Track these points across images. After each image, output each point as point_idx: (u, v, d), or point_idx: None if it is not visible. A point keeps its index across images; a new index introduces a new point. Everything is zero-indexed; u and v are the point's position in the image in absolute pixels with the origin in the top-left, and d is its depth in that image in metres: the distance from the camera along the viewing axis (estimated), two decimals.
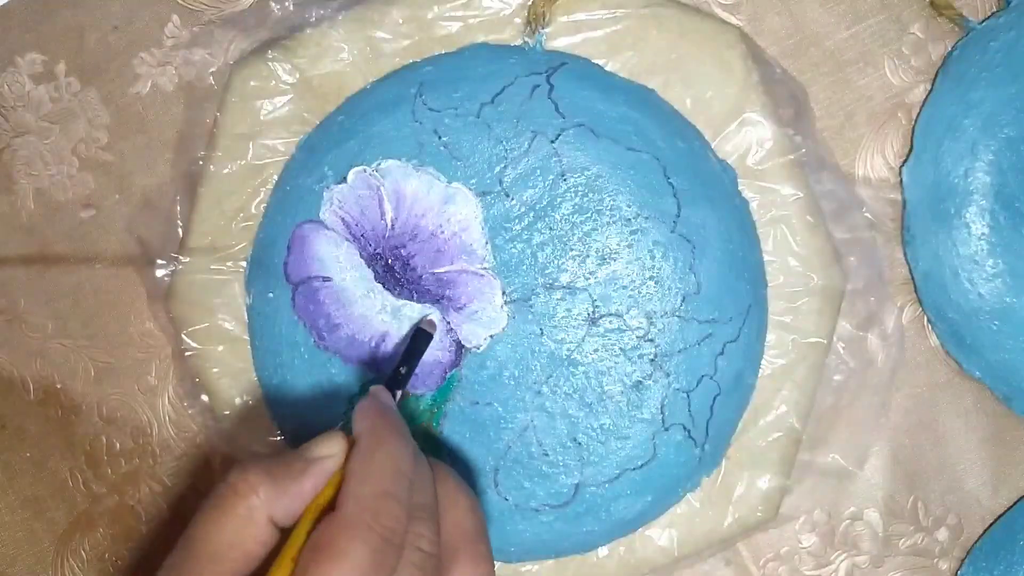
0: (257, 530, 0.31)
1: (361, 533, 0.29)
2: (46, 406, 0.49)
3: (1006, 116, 0.43)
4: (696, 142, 0.42)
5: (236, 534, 0.31)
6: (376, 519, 0.30)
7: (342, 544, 0.29)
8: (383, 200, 0.42)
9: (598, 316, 0.41)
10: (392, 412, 0.34)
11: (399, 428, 0.33)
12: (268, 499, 0.31)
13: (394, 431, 0.33)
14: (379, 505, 0.30)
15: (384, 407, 0.34)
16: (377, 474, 0.31)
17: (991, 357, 0.44)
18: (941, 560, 0.46)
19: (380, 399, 0.35)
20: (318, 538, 0.30)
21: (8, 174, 0.48)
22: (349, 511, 0.30)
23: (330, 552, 0.29)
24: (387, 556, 0.30)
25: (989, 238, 0.43)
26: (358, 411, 0.34)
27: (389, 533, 0.30)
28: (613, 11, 0.42)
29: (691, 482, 0.43)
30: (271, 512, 0.31)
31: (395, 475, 0.31)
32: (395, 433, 0.33)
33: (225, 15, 0.46)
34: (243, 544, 0.31)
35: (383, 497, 0.30)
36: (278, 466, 0.32)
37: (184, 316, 0.44)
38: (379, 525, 0.30)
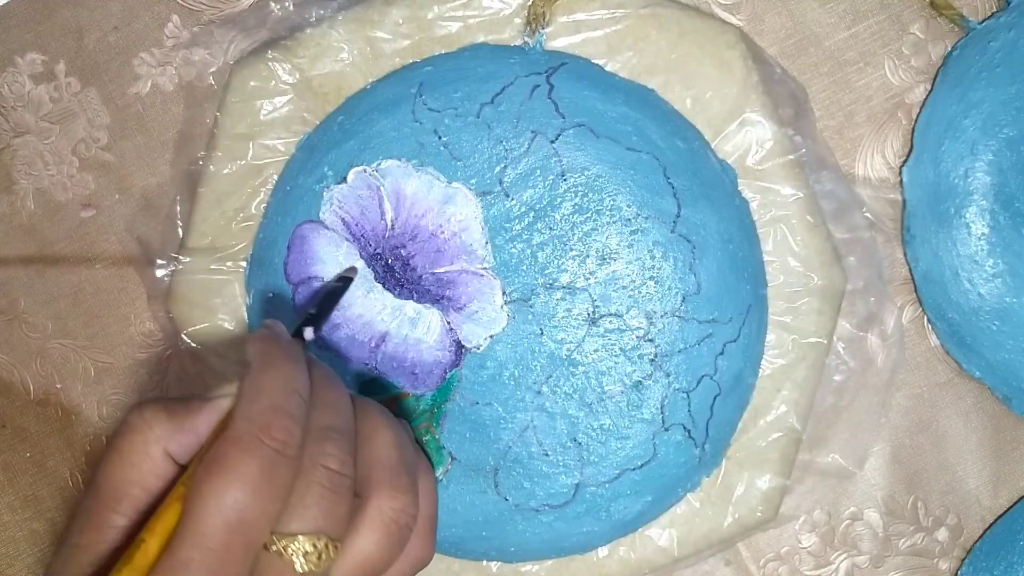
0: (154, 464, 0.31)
1: (249, 445, 0.29)
2: (46, 406, 0.49)
3: (1006, 116, 0.43)
4: (696, 142, 0.42)
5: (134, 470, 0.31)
6: (265, 432, 0.30)
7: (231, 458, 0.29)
8: (383, 200, 0.42)
9: (598, 316, 0.41)
10: (285, 339, 0.34)
11: (291, 353, 0.33)
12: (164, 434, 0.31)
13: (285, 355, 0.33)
14: (268, 419, 0.30)
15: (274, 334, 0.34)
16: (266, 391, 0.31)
17: (991, 357, 0.44)
18: (941, 560, 0.46)
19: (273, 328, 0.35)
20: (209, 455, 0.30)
21: (8, 174, 0.48)
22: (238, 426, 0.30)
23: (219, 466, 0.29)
24: (279, 468, 0.30)
25: (989, 238, 0.43)
26: (249, 339, 0.34)
27: (280, 445, 0.30)
28: (613, 11, 0.42)
29: (691, 482, 0.43)
30: (167, 446, 0.31)
31: (285, 392, 0.31)
32: (286, 356, 0.33)
33: (225, 15, 0.46)
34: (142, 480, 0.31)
35: (272, 411, 0.30)
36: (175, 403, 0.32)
37: (184, 316, 0.44)
38: (269, 438, 0.30)
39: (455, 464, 0.42)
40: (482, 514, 0.43)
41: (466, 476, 0.42)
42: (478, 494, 0.42)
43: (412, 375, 0.42)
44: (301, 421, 0.31)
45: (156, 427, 0.31)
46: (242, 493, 0.29)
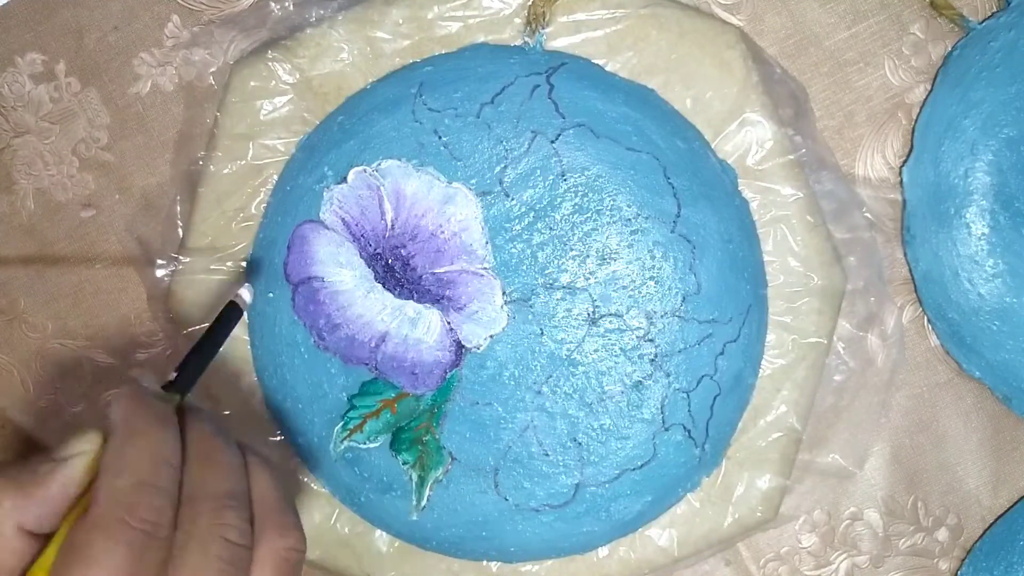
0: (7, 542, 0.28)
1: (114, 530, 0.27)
2: (46, 406, 0.48)
3: (1006, 116, 0.42)
4: (696, 142, 0.42)
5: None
6: (132, 513, 0.28)
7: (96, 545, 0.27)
8: (383, 200, 0.42)
9: (598, 316, 0.41)
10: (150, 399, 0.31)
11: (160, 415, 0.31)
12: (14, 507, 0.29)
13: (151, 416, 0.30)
14: (134, 497, 0.28)
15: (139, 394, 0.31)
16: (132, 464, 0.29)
17: (991, 357, 0.44)
18: (941, 560, 0.46)
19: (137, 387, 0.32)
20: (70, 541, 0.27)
21: (8, 174, 0.48)
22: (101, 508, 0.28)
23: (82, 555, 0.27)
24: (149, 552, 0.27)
25: (989, 238, 0.43)
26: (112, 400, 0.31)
27: (150, 527, 0.28)
28: (613, 11, 0.42)
29: (691, 482, 0.43)
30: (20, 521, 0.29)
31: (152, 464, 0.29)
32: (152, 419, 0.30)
33: (225, 15, 0.46)
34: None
35: (139, 488, 0.28)
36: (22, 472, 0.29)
37: (184, 316, 0.44)
38: (136, 519, 0.27)
39: (455, 464, 0.42)
40: (482, 514, 0.43)
41: (466, 476, 0.42)
42: (478, 494, 0.42)
43: (412, 375, 0.42)
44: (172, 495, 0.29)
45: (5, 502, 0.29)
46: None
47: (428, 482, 0.43)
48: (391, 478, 0.43)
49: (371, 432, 0.43)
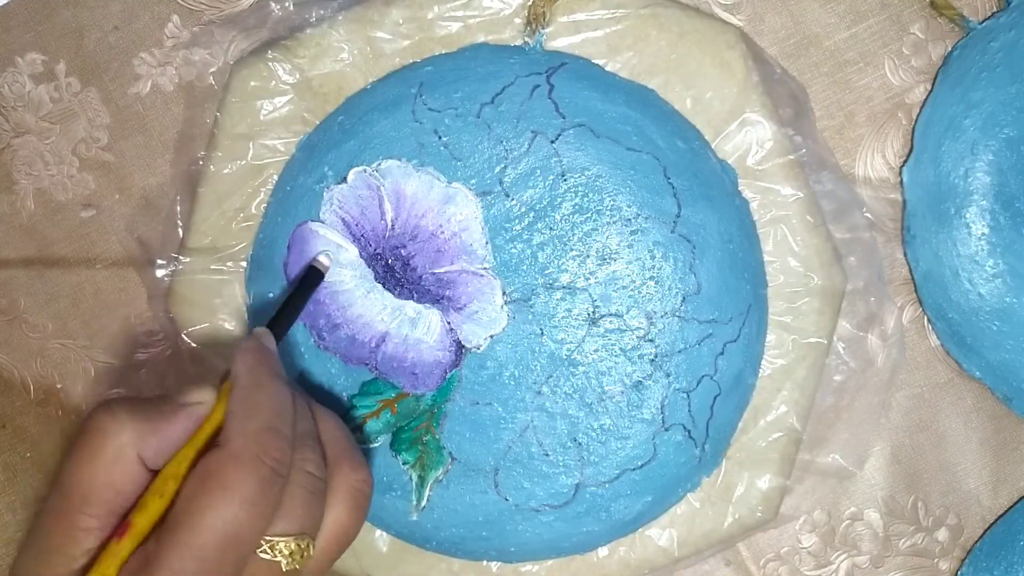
0: (128, 468, 0.31)
1: (251, 464, 0.30)
2: (46, 406, 0.49)
3: (1006, 116, 0.42)
4: (696, 142, 0.42)
5: (107, 472, 0.31)
6: (265, 452, 0.31)
7: (232, 474, 0.30)
8: (383, 200, 0.42)
9: (598, 316, 0.41)
10: (270, 353, 0.35)
11: (278, 369, 0.35)
12: (137, 437, 0.31)
13: (272, 371, 0.34)
14: (265, 439, 0.31)
15: (262, 349, 0.35)
16: (262, 410, 0.32)
17: (991, 357, 0.44)
18: (941, 560, 0.46)
19: (261, 341, 0.36)
20: (206, 468, 0.30)
21: (8, 174, 0.48)
22: (238, 445, 0.31)
23: (218, 483, 0.30)
24: (273, 487, 0.31)
25: (989, 238, 0.43)
26: (238, 353, 0.34)
27: (276, 464, 0.31)
28: (613, 11, 0.42)
29: (691, 482, 0.43)
30: (140, 450, 0.31)
31: (279, 411, 0.33)
32: (274, 373, 0.34)
33: (225, 15, 0.46)
34: (115, 482, 0.31)
35: (268, 431, 0.31)
36: (148, 406, 0.32)
37: (184, 316, 0.44)
38: (268, 457, 0.31)
39: (455, 464, 0.42)
40: (482, 514, 0.43)
41: (466, 476, 0.42)
42: (478, 494, 0.42)
43: (412, 375, 0.42)
44: (292, 442, 0.32)
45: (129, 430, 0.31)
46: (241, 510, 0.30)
47: (428, 482, 0.43)
48: (391, 478, 0.43)
49: (371, 432, 0.43)
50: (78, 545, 0.30)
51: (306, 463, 0.33)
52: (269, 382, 0.34)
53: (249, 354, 0.35)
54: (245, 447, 0.31)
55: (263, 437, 0.31)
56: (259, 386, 0.33)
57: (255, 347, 0.35)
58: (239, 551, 0.30)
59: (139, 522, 0.30)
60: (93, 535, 0.31)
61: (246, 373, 0.34)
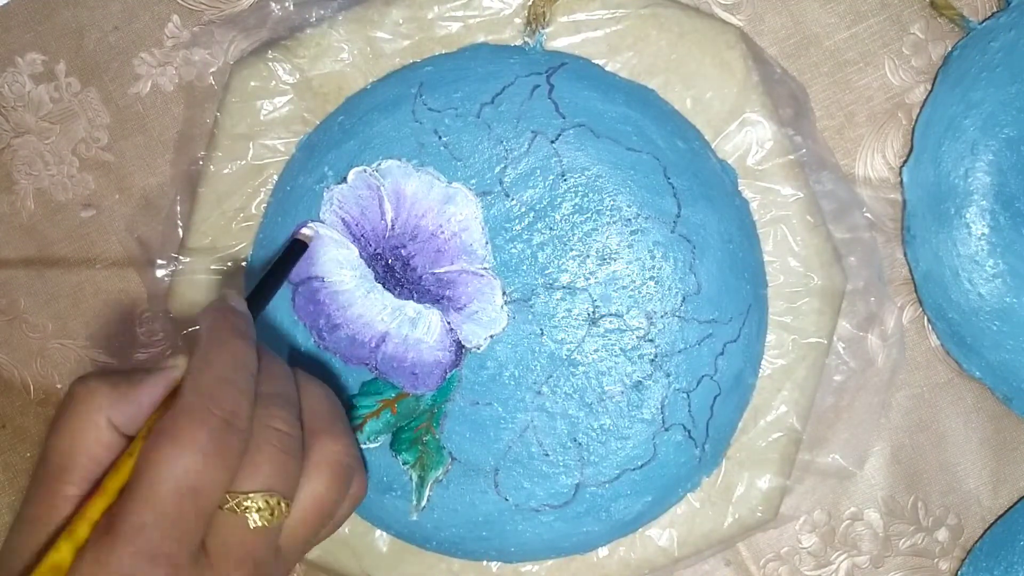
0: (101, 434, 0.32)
1: (199, 416, 0.30)
2: (46, 406, 0.49)
3: (1006, 116, 0.42)
4: (696, 142, 0.42)
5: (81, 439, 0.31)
6: (215, 403, 0.31)
7: (182, 429, 0.30)
8: (383, 200, 0.42)
9: (598, 316, 0.41)
10: (235, 313, 0.35)
11: (241, 327, 0.34)
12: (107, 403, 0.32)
13: (234, 329, 0.34)
14: (217, 390, 0.31)
15: (226, 308, 0.35)
16: (215, 364, 0.32)
17: (991, 357, 0.44)
18: (941, 560, 0.46)
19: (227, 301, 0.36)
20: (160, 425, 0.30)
21: (8, 174, 0.48)
22: (187, 398, 0.31)
23: (169, 436, 0.30)
24: (228, 437, 0.30)
25: (989, 238, 0.43)
26: (201, 313, 0.35)
27: (229, 415, 0.31)
28: (613, 11, 0.42)
29: (691, 482, 0.43)
30: (111, 416, 0.32)
31: (235, 365, 0.32)
32: (236, 330, 0.34)
33: (225, 15, 0.46)
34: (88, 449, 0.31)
35: (221, 383, 0.31)
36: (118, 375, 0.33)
37: (184, 316, 0.44)
38: (218, 408, 0.31)
39: (455, 464, 0.42)
40: (482, 514, 0.43)
41: (466, 476, 0.42)
42: (478, 494, 0.42)
43: (412, 375, 0.42)
44: (249, 395, 0.32)
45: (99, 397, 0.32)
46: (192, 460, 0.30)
47: (428, 482, 0.43)
48: (391, 478, 0.43)
49: (371, 432, 0.43)
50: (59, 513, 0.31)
51: (273, 419, 0.33)
52: (229, 338, 0.33)
53: (211, 313, 0.34)
54: (195, 399, 0.31)
55: (214, 388, 0.31)
56: (217, 342, 0.33)
57: (219, 307, 0.35)
58: (198, 503, 0.30)
59: (109, 484, 0.31)
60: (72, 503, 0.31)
61: (207, 331, 0.34)
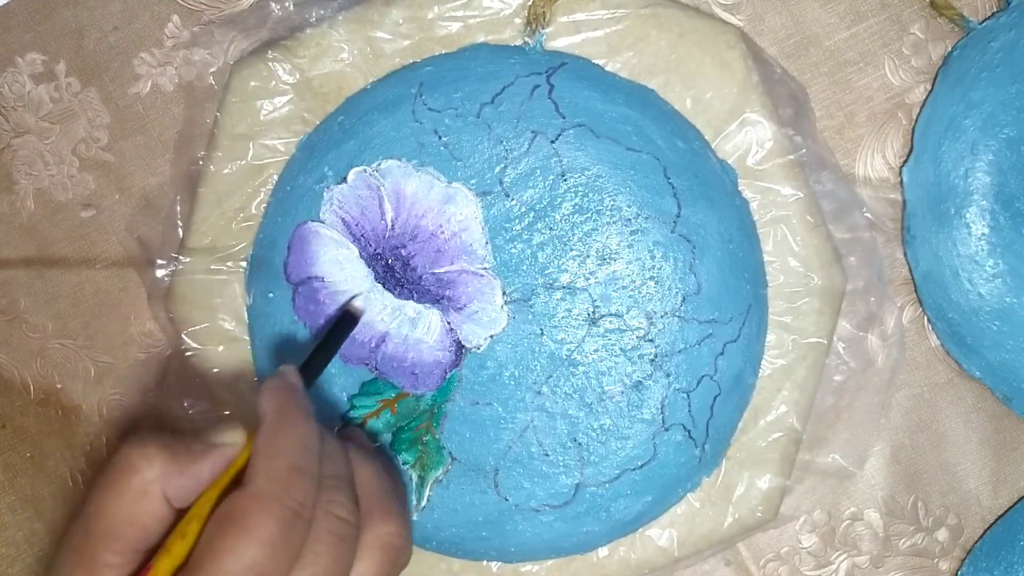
0: (152, 505, 0.31)
1: (271, 506, 0.29)
2: (46, 406, 0.49)
3: (1006, 116, 0.42)
4: (696, 142, 0.42)
5: (131, 508, 0.31)
6: (287, 492, 0.30)
7: (252, 516, 0.29)
8: (383, 200, 0.42)
9: (598, 316, 0.41)
10: (298, 392, 0.34)
11: (305, 407, 0.34)
12: (164, 475, 0.31)
13: (300, 410, 0.33)
14: (289, 479, 0.30)
15: (289, 387, 0.34)
16: (286, 449, 0.31)
17: (991, 357, 0.44)
18: (941, 560, 0.46)
19: (288, 378, 0.35)
20: (227, 510, 0.30)
21: (8, 174, 0.48)
22: (260, 485, 0.30)
23: (240, 524, 0.29)
24: (295, 530, 0.30)
25: (989, 238, 0.43)
26: (263, 390, 0.34)
27: (298, 507, 0.30)
28: (613, 11, 0.42)
29: (691, 482, 0.43)
30: (166, 489, 0.31)
31: (303, 450, 0.32)
32: (301, 411, 0.33)
33: (225, 15, 0.46)
34: (138, 519, 0.31)
35: (292, 471, 0.31)
36: (177, 444, 0.32)
37: (184, 316, 0.44)
38: (289, 498, 0.30)
39: (455, 464, 0.42)
40: (482, 514, 0.43)
41: (466, 476, 0.42)
42: (478, 494, 0.42)
43: (412, 375, 0.42)
44: (316, 480, 0.31)
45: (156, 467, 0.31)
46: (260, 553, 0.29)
47: (428, 482, 0.43)
48: None
49: (371, 432, 0.43)
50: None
51: (335, 506, 0.32)
52: (296, 420, 0.33)
53: (275, 391, 0.34)
54: (267, 487, 0.30)
55: (286, 476, 0.30)
56: (285, 424, 0.32)
57: (281, 384, 0.34)
58: None
59: (162, 565, 0.30)
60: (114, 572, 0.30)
61: (272, 411, 0.33)
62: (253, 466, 0.31)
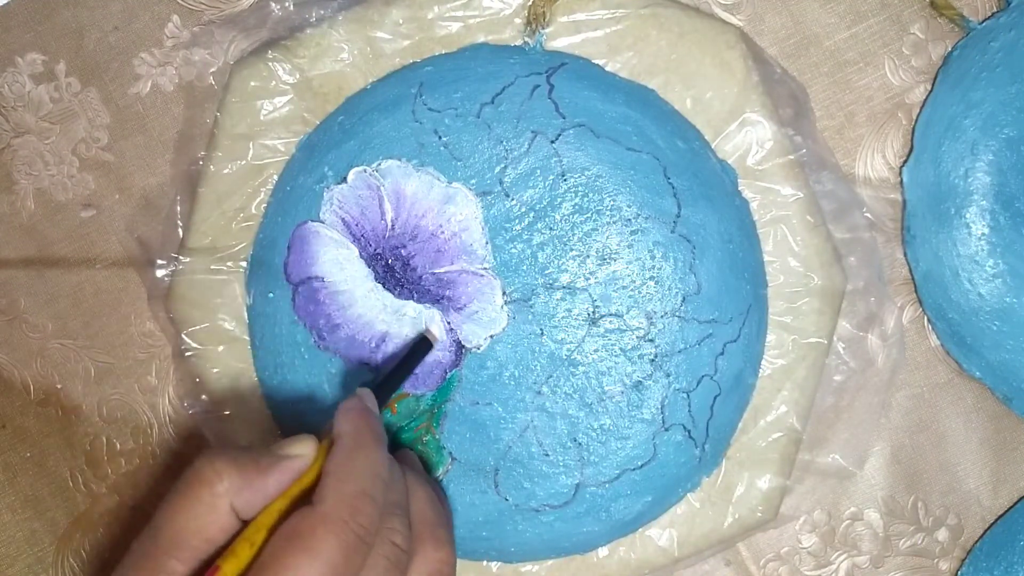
0: (219, 517, 0.32)
1: (338, 528, 0.30)
2: (46, 406, 0.49)
3: (1006, 116, 0.43)
4: (696, 142, 0.42)
5: (199, 520, 0.31)
6: (353, 517, 0.31)
7: (318, 537, 0.30)
8: (383, 200, 0.42)
9: (598, 316, 0.41)
10: (374, 417, 0.35)
11: (380, 433, 0.34)
12: (232, 488, 0.32)
13: (375, 435, 0.34)
14: (357, 504, 0.31)
15: (367, 411, 0.35)
16: (358, 474, 0.32)
17: (991, 357, 0.44)
18: (941, 560, 0.46)
19: (365, 402, 0.36)
20: (294, 527, 0.30)
21: (8, 174, 0.48)
22: (329, 506, 0.31)
23: (305, 543, 0.30)
24: (358, 554, 0.31)
25: (989, 238, 0.43)
26: (341, 411, 0.34)
27: (363, 532, 0.31)
28: (613, 11, 0.42)
29: (691, 482, 0.43)
30: (234, 501, 0.32)
31: (374, 477, 0.32)
32: (376, 437, 0.34)
33: (225, 15, 0.46)
34: (205, 530, 0.31)
35: (362, 496, 0.31)
36: (246, 458, 0.33)
37: (184, 316, 0.44)
38: (355, 523, 0.31)
39: (455, 464, 0.42)
40: (482, 514, 0.43)
41: (466, 476, 0.42)
42: (478, 494, 0.42)
43: (412, 375, 0.42)
44: (382, 507, 0.32)
45: (226, 480, 0.32)
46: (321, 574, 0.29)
47: None
48: None
49: None
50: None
51: (392, 533, 0.33)
52: (370, 445, 0.33)
53: (354, 414, 0.34)
54: (336, 510, 0.31)
55: (355, 502, 0.31)
56: (359, 448, 0.33)
57: (360, 407, 0.35)
58: None
59: (228, 567, 0.30)
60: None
61: (350, 433, 0.33)
62: (324, 487, 0.32)
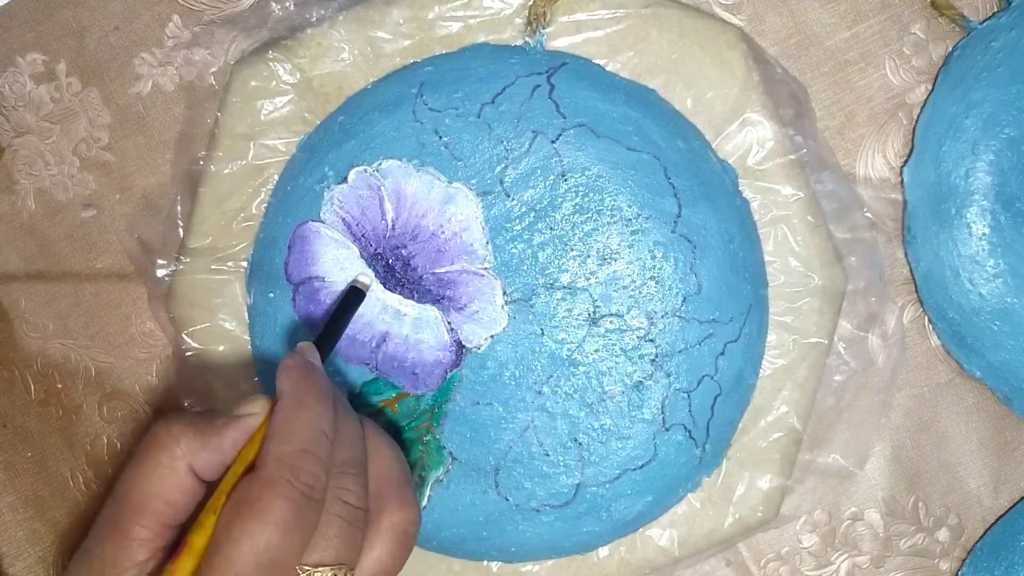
0: (179, 479, 0.32)
1: (283, 490, 0.30)
2: (47, 406, 0.49)
3: (1007, 116, 0.42)
4: (697, 142, 0.42)
5: (159, 484, 0.32)
6: (296, 476, 0.31)
7: (264, 501, 0.30)
8: (384, 200, 0.42)
9: (599, 316, 0.41)
10: (315, 371, 0.35)
11: (321, 388, 0.34)
12: (189, 449, 0.32)
13: (316, 391, 0.34)
14: (299, 462, 0.31)
15: (307, 366, 0.35)
16: (297, 433, 0.32)
17: (992, 357, 0.44)
18: (942, 560, 0.46)
19: (307, 357, 0.35)
20: (240, 495, 0.31)
21: (9, 174, 0.48)
22: (270, 469, 0.31)
23: (252, 509, 0.30)
24: (307, 511, 0.31)
25: (990, 238, 0.43)
26: (281, 369, 0.34)
27: (308, 489, 0.31)
28: (614, 11, 0.42)
29: (692, 482, 0.43)
30: (192, 462, 0.32)
31: (315, 434, 0.32)
32: (317, 393, 0.34)
33: (226, 15, 0.46)
34: (166, 494, 0.32)
35: (302, 455, 0.31)
36: (201, 420, 0.33)
37: (184, 316, 0.44)
38: (300, 482, 0.31)
39: (456, 464, 0.42)
40: (483, 514, 0.43)
41: (467, 476, 0.42)
42: (479, 494, 0.42)
43: (413, 375, 0.42)
44: (327, 463, 0.32)
45: (183, 442, 0.32)
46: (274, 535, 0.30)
47: (428, 482, 0.43)
48: None
49: None
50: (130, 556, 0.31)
51: (344, 492, 0.33)
52: (311, 401, 0.33)
53: (292, 370, 0.34)
54: (278, 471, 0.31)
55: (296, 460, 0.31)
56: (299, 406, 0.33)
57: (299, 363, 0.35)
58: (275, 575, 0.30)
59: (196, 541, 0.31)
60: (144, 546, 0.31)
61: (289, 392, 0.33)
62: (265, 449, 0.32)
